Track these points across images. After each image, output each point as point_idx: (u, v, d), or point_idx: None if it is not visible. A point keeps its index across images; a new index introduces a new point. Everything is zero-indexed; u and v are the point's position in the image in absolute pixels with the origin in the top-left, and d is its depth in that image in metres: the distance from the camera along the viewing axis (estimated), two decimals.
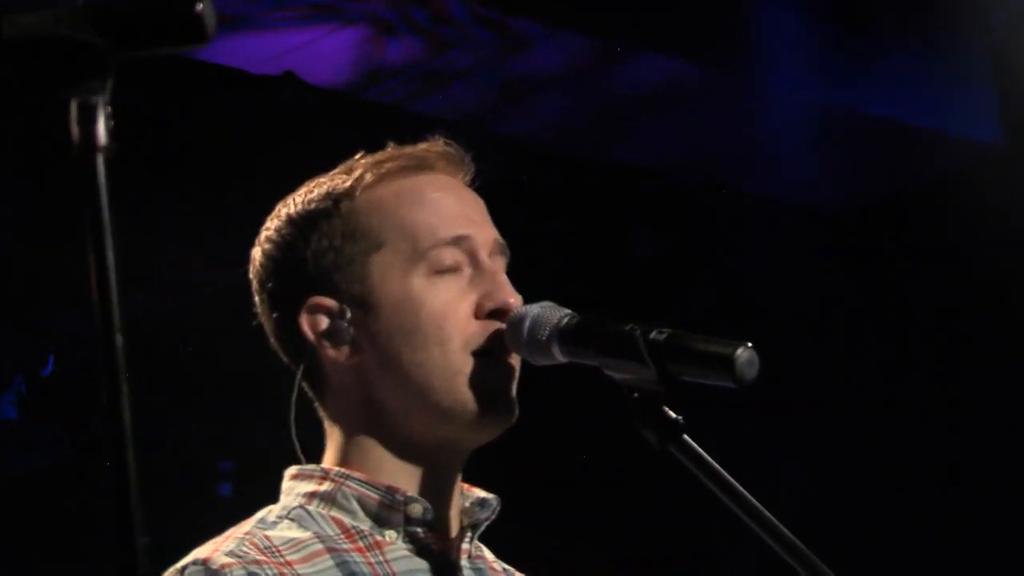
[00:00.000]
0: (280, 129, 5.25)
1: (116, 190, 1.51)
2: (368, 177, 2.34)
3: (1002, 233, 5.94)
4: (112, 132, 1.51)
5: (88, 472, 6.17)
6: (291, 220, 2.35)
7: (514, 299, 2.29)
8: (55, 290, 5.53)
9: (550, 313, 2.24)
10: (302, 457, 2.33)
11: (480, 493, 2.37)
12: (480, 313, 2.28)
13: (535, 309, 2.26)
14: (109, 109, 1.51)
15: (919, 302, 6.39)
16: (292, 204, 2.37)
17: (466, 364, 2.26)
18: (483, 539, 2.40)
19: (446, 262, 2.29)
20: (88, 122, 1.51)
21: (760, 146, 6.09)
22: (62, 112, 1.51)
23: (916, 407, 6.42)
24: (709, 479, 2.07)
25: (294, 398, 2.33)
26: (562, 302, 2.28)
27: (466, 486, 2.37)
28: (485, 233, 2.35)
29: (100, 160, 1.50)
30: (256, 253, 2.38)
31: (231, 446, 6.47)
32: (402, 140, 2.42)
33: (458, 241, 2.31)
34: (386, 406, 2.29)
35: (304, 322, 2.31)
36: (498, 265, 2.34)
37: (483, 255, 2.32)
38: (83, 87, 1.51)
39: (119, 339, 1.49)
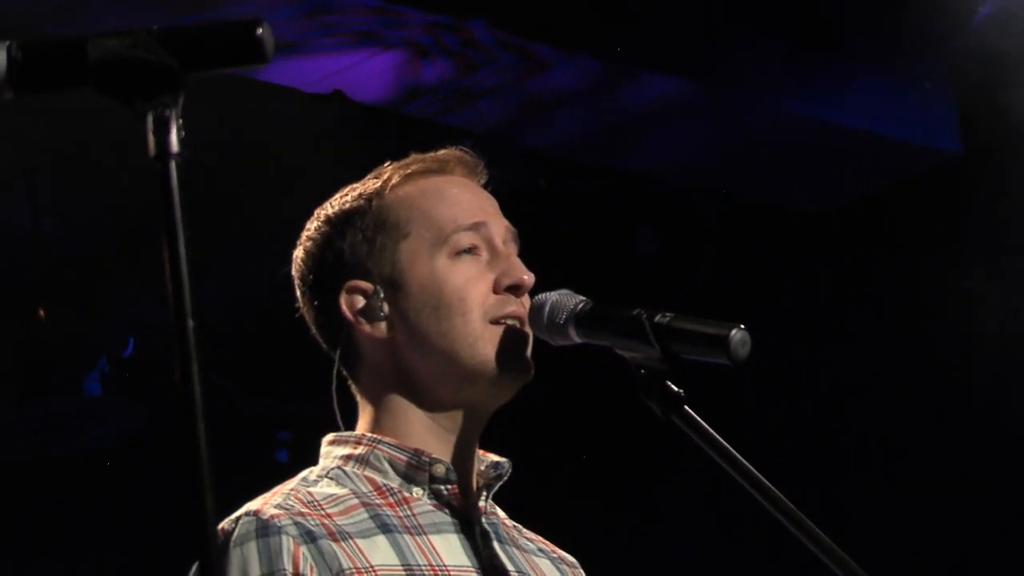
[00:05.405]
0: (330, 140, 5.26)
1: (187, 194, 1.50)
2: (395, 178, 2.36)
3: (961, 228, 5.92)
4: (183, 141, 1.51)
5: (162, 441, 6.18)
6: (328, 220, 2.37)
7: (527, 276, 2.32)
8: (134, 282, 5.54)
9: (567, 299, 2.25)
10: (342, 425, 2.35)
11: (494, 457, 2.38)
12: (498, 288, 2.30)
13: (554, 296, 2.27)
14: (180, 121, 1.51)
15: (888, 295, 6.34)
16: (329, 207, 2.39)
17: (486, 331, 2.27)
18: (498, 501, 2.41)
19: (465, 245, 2.31)
20: (162, 132, 1.51)
21: (746, 154, 6.06)
22: (140, 124, 1.51)
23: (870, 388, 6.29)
24: (708, 445, 2.07)
25: (335, 372, 2.35)
26: (577, 292, 2.28)
27: (482, 452, 2.38)
28: (499, 222, 2.37)
29: (173, 166, 1.51)
30: (298, 253, 2.40)
31: (287, 419, 6.49)
32: (432, 150, 2.43)
33: (476, 227, 2.33)
34: (416, 375, 2.30)
35: (343, 302, 2.33)
36: (511, 250, 2.36)
37: (498, 241, 2.34)
38: (158, 102, 1.51)
39: (190, 323, 1.49)
